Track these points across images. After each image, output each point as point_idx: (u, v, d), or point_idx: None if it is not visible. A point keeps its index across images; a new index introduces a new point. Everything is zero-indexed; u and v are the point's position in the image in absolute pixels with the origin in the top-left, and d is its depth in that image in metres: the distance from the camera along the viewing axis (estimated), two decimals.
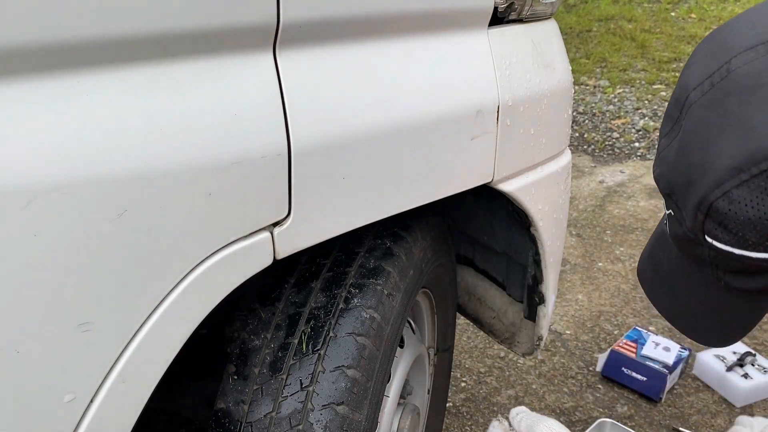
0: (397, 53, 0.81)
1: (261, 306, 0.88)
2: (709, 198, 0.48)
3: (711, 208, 0.48)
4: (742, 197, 0.45)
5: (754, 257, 0.47)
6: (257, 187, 0.64)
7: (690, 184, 0.50)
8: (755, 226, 0.46)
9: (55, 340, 0.51)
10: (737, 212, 0.46)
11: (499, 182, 1.02)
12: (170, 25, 0.55)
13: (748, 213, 0.45)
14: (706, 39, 0.53)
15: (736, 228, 0.47)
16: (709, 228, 0.49)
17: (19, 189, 0.47)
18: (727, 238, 0.49)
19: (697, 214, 0.50)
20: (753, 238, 0.47)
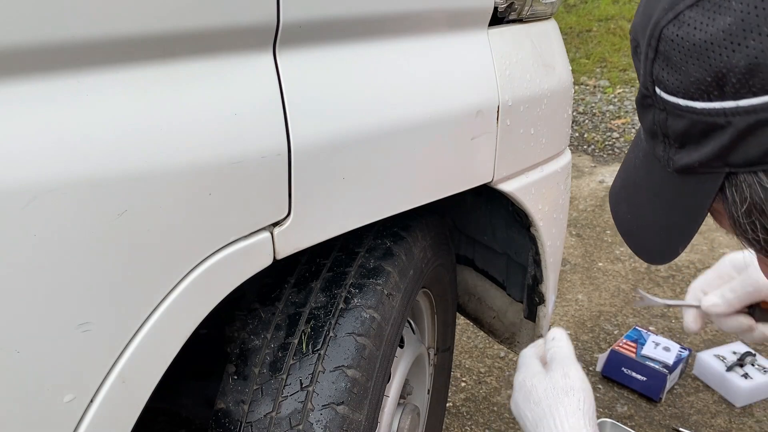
0: (397, 53, 0.81)
1: (261, 306, 0.88)
2: (660, 23, 0.43)
3: (661, 37, 0.44)
4: (693, 18, 0.41)
5: (699, 108, 0.43)
6: (257, 187, 0.64)
7: (647, 18, 0.45)
8: (699, 55, 0.41)
9: (55, 340, 0.51)
10: (684, 37, 0.42)
11: (499, 182, 1.02)
12: (170, 25, 0.55)
13: (695, 36, 0.41)
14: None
15: (681, 60, 0.42)
16: (657, 72, 0.45)
17: (19, 189, 0.47)
18: (671, 80, 0.44)
19: (648, 52, 0.46)
20: (695, 73, 0.42)
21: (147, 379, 0.59)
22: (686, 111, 0.44)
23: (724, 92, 0.41)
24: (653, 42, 0.44)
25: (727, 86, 0.40)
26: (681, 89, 0.44)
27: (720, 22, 0.39)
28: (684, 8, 0.42)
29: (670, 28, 0.43)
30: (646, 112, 0.49)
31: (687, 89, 0.43)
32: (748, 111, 0.40)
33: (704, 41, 0.40)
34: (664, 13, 0.43)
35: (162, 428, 1.39)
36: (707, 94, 0.42)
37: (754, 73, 0.39)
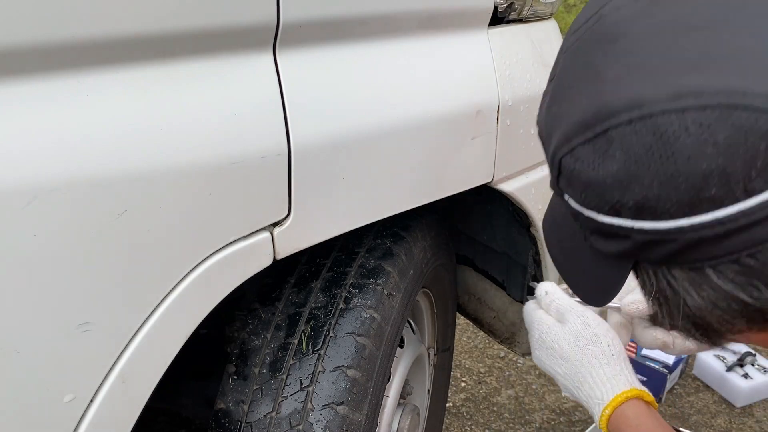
0: (397, 53, 0.81)
1: (261, 306, 0.88)
2: (558, 153, 0.45)
3: (561, 164, 0.45)
4: (585, 156, 0.43)
5: (600, 221, 0.45)
6: (257, 187, 0.64)
7: (549, 136, 0.47)
8: (594, 189, 0.43)
9: (55, 340, 0.51)
10: (581, 171, 0.43)
11: (499, 182, 1.02)
12: (170, 25, 0.55)
13: (590, 174, 0.43)
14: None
15: (581, 188, 0.45)
16: (562, 184, 0.47)
17: (19, 189, 0.47)
18: (576, 197, 0.46)
19: (552, 168, 0.47)
20: (594, 201, 0.44)
21: (147, 379, 0.59)
22: (591, 218, 0.46)
23: (621, 215, 0.43)
24: (555, 163, 0.47)
25: (623, 213, 0.43)
26: (584, 204, 0.46)
27: (609, 167, 0.42)
28: (577, 144, 0.43)
29: (567, 159, 0.45)
30: (561, 202, 0.50)
31: (589, 206, 0.45)
32: (644, 231, 0.42)
33: (597, 181, 0.43)
34: (561, 144, 0.45)
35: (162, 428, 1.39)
36: (605, 212, 0.44)
37: (643, 209, 0.41)
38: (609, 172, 0.41)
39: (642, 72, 0.40)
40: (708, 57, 0.38)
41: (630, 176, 0.41)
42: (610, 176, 0.42)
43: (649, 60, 0.41)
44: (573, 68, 0.46)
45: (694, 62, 0.39)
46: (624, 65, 0.41)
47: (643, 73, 0.40)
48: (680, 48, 0.40)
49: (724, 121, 0.37)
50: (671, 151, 0.38)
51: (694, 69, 0.38)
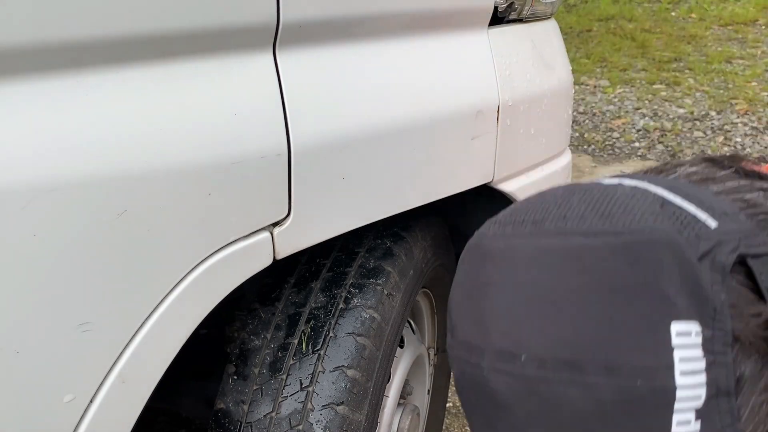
0: (397, 53, 0.81)
1: (261, 306, 0.88)
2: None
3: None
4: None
5: None
6: (257, 187, 0.64)
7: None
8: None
9: (55, 340, 0.51)
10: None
11: (499, 182, 1.02)
12: (170, 25, 0.55)
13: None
14: (471, 268, 0.45)
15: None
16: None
17: (19, 189, 0.47)
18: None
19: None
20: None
21: (147, 379, 0.59)
22: None
23: None
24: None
25: None
26: None
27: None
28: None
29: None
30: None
31: None
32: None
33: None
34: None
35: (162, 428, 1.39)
36: None
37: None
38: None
39: None
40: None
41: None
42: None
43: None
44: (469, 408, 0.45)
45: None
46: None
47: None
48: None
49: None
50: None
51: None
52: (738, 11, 5.67)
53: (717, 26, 5.54)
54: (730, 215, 0.37)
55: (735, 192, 0.39)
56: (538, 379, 0.37)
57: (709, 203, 0.37)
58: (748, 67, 4.67)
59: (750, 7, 5.71)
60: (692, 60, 4.90)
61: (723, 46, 5.13)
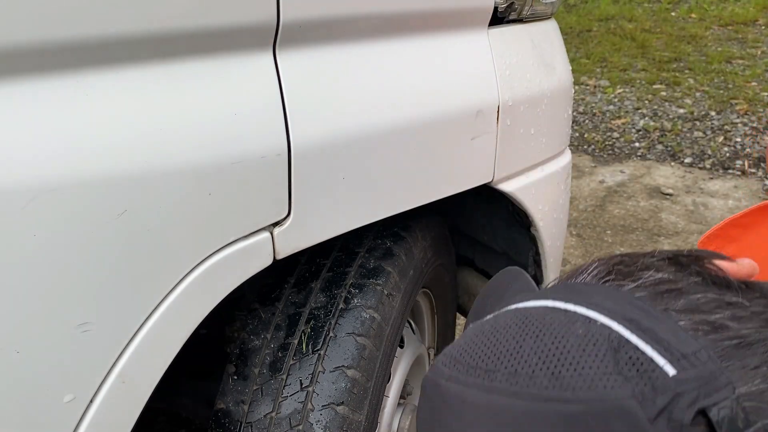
0: (397, 53, 0.81)
1: (261, 306, 0.88)
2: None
3: None
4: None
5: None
6: (257, 187, 0.64)
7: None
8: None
9: (55, 340, 0.51)
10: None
11: (499, 182, 1.02)
12: (170, 25, 0.55)
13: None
14: (428, 407, 0.45)
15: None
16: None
17: (19, 189, 0.47)
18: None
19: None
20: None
21: (147, 379, 0.59)
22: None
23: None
24: None
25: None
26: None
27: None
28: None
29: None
30: None
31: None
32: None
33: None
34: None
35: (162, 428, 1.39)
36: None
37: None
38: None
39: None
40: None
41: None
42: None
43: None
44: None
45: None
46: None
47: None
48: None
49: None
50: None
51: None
52: (738, 11, 5.67)
53: (717, 26, 5.54)
54: (690, 358, 0.35)
55: (699, 312, 0.37)
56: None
57: (668, 343, 0.35)
58: (748, 67, 4.67)
59: (750, 7, 5.71)
60: (692, 60, 4.90)
61: (723, 46, 5.13)
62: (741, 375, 0.34)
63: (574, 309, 0.39)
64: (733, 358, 0.35)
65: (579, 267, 0.44)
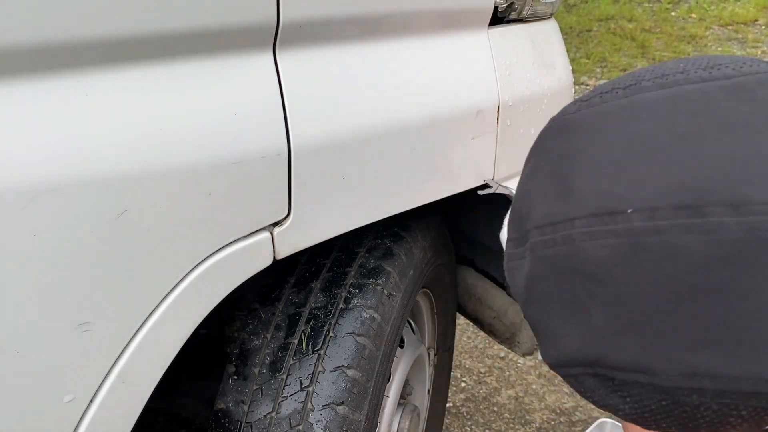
0: (397, 53, 0.81)
1: (261, 306, 0.88)
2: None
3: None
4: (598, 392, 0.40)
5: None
6: (257, 187, 0.64)
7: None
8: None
9: (55, 340, 0.51)
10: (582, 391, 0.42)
11: (499, 182, 1.02)
12: (170, 25, 0.55)
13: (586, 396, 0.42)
14: (556, 145, 0.41)
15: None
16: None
17: (19, 189, 0.47)
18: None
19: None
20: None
21: (147, 379, 0.59)
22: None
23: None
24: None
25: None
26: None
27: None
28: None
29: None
30: None
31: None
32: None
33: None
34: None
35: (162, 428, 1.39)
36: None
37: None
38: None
39: (644, 339, 0.35)
40: (721, 333, 0.34)
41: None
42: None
43: (649, 324, 0.35)
44: (553, 296, 0.40)
45: (706, 338, 0.34)
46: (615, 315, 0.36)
47: (644, 340, 0.35)
48: (688, 316, 0.34)
49: (744, 401, 0.34)
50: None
51: (707, 346, 0.34)
52: (738, 11, 5.67)
53: (717, 26, 5.53)
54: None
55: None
56: (648, 230, 0.34)
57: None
58: None
59: (750, 7, 5.71)
60: None
61: (723, 46, 5.13)
62: None
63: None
64: None
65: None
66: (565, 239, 0.38)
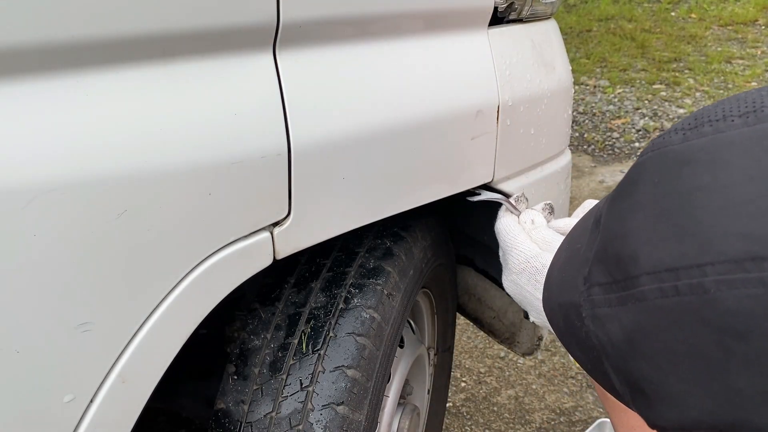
0: (397, 53, 0.81)
1: (261, 306, 0.88)
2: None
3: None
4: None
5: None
6: (257, 187, 0.64)
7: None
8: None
9: (55, 340, 0.51)
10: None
11: (499, 182, 1.02)
12: (170, 25, 0.55)
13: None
14: (665, 179, 0.37)
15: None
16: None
17: (19, 189, 0.47)
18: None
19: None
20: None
21: (147, 379, 0.59)
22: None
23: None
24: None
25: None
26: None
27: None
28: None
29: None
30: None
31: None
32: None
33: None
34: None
35: (162, 428, 1.39)
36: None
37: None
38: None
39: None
40: None
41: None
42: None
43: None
44: (674, 350, 0.35)
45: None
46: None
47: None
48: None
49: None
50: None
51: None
52: (738, 11, 5.67)
53: (717, 26, 5.54)
54: None
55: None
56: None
57: None
58: (748, 67, 4.67)
59: (750, 7, 5.71)
60: (692, 60, 4.90)
61: (723, 46, 5.13)
62: None
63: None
64: None
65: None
66: (694, 288, 0.33)
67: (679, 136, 0.36)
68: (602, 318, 0.39)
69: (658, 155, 0.37)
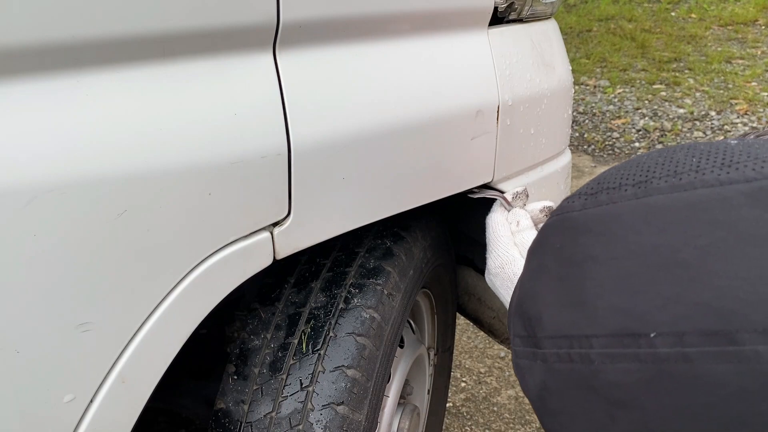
0: (397, 53, 0.81)
1: (261, 306, 0.88)
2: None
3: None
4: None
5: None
6: (257, 187, 0.64)
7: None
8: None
9: (55, 340, 0.51)
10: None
11: (499, 182, 1.02)
12: (170, 25, 0.55)
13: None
14: (563, 245, 0.37)
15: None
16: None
17: (19, 189, 0.47)
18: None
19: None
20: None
21: (147, 379, 0.59)
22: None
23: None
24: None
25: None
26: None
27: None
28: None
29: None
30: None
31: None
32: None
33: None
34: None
35: (162, 428, 1.39)
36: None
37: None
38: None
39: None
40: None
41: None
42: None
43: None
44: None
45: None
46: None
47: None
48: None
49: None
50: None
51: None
52: (738, 11, 5.67)
53: (717, 26, 5.54)
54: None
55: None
56: (674, 357, 0.31)
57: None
58: (748, 67, 4.67)
59: (750, 7, 5.71)
60: (692, 60, 4.90)
61: (723, 46, 5.13)
62: None
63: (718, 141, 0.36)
64: None
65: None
66: (583, 358, 0.34)
67: (581, 202, 0.38)
68: (523, 369, 0.41)
69: (561, 220, 0.39)
